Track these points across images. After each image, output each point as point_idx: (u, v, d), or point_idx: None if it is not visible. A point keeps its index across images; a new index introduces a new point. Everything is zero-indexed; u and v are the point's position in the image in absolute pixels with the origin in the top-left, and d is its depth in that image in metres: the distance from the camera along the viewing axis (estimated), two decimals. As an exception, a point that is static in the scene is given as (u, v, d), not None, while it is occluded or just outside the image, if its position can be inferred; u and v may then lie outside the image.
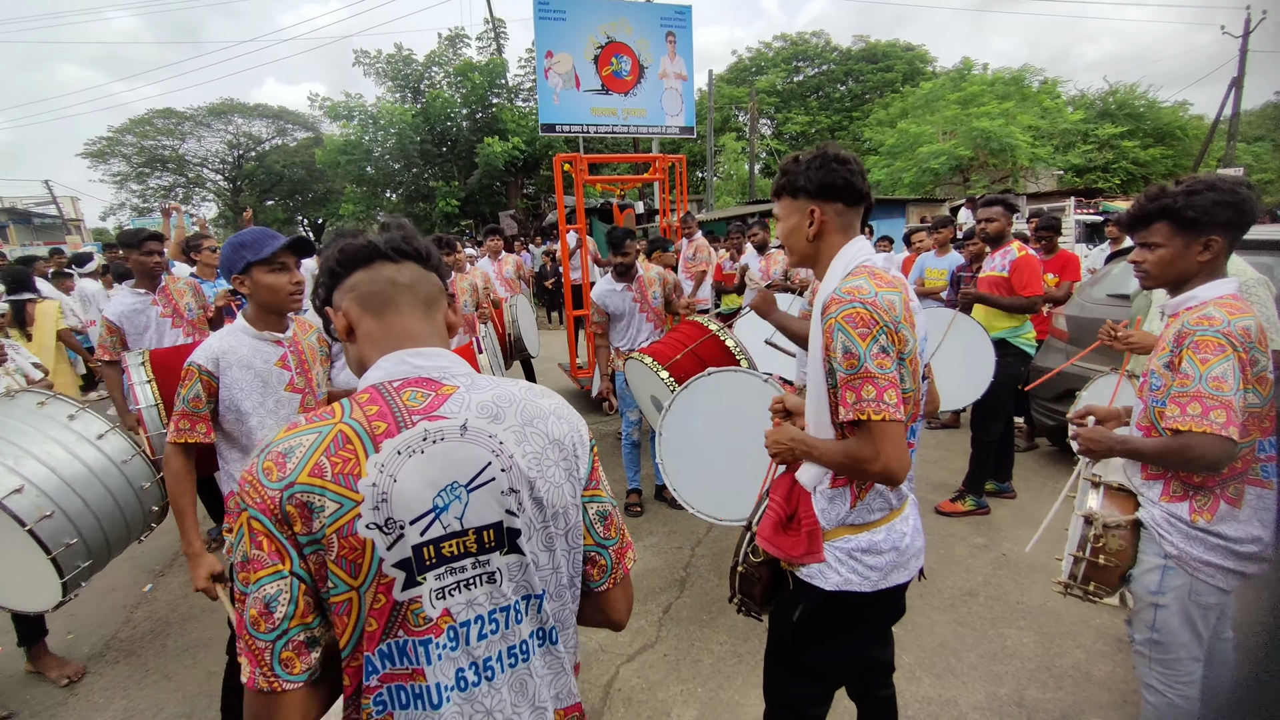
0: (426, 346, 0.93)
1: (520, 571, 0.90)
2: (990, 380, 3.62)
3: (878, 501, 1.49)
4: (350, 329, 0.96)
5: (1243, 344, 1.52)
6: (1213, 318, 1.55)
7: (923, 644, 2.73)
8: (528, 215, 21.11)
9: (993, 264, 3.78)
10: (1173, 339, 1.62)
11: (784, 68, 31.66)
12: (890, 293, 1.39)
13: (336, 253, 0.97)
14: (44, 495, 2.16)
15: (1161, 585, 1.66)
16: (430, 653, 0.84)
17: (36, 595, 2.23)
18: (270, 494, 0.79)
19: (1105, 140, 22.37)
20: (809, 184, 1.50)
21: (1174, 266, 1.66)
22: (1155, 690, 1.74)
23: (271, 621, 0.79)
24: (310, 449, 0.81)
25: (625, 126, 7.47)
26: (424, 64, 22.26)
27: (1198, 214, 1.58)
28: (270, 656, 0.79)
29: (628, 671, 2.64)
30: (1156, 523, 1.67)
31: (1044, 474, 4.54)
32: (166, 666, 2.83)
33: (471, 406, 0.88)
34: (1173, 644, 1.69)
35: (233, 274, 1.87)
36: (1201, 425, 1.49)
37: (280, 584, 0.79)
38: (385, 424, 0.84)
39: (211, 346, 1.88)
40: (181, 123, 30.24)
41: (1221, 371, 1.50)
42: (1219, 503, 1.61)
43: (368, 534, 0.80)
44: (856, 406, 1.34)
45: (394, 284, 0.94)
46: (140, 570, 3.70)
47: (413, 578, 0.82)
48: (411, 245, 0.98)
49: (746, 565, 1.74)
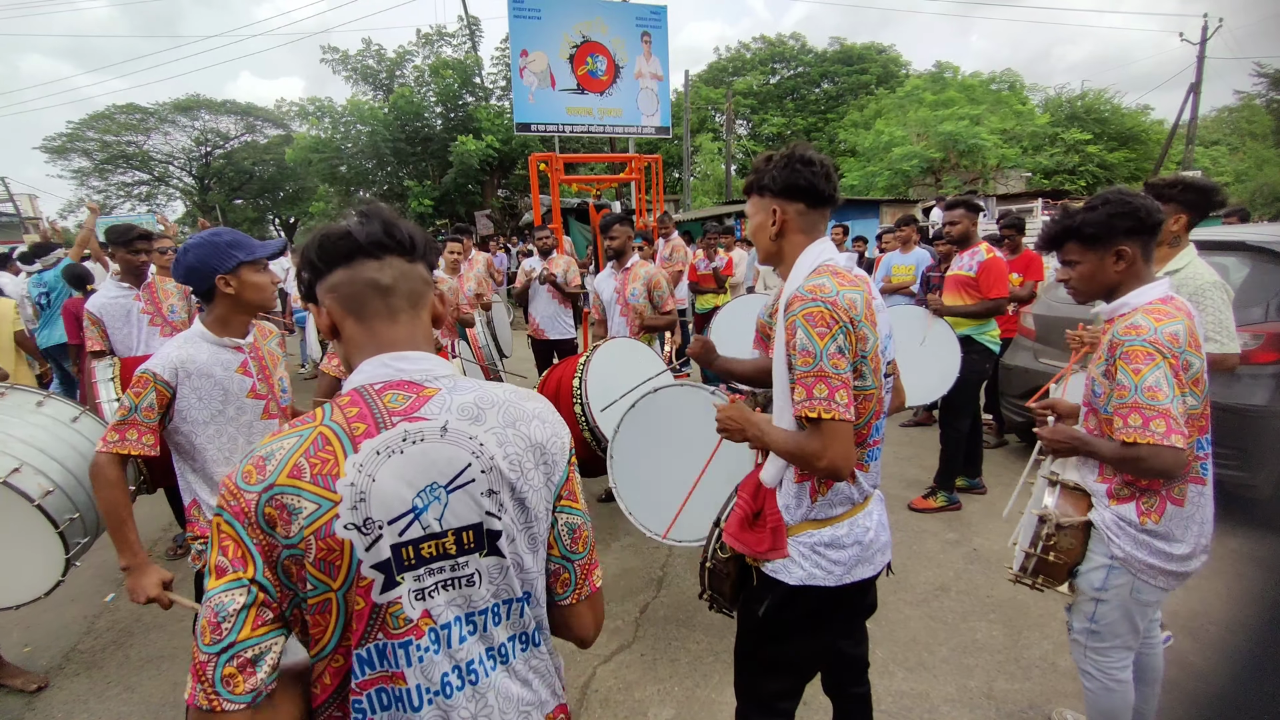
0: (410, 350, 0.91)
1: (500, 574, 0.89)
2: (956, 376, 3.69)
3: (839, 496, 1.51)
4: (334, 327, 0.94)
5: (1170, 350, 1.55)
6: (1139, 326, 1.58)
7: (895, 638, 2.77)
8: (503, 215, 20.95)
9: (960, 263, 3.86)
10: (1106, 348, 1.67)
11: (761, 69, 31.89)
12: (852, 291, 1.42)
13: (316, 246, 0.92)
14: (41, 473, 2.18)
15: (1105, 583, 1.74)
16: (410, 655, 0.83)
17: (26, 583, 2.21)
18: (248, 498, 0.78)
19: (1071, 144, 22.98)
20: (773, 183, 1.53)
21: (1095, 280, 1.71)
22: (1091, 676, 1.85)
23: (218, 633, 0.76)
24: (290, 451, 0.81)
25: (601, 126, 7.48)
26: (395, 60, 21.95)
27: (1096, 229, 1.64)
28: (212, 671, 0.75)
29: (604, 672, 2.63)
30: (1106, 525, 1.72)
31: (1014, 469, 4.64)
32: (130, 678, 2.75)
33: (452, 408, 0.88)
34: (1109, 635, 1.78)
35: (219, 273, 1.80)
36: (1145, 437, 1.53)
37: (235, 593, 0.77)
38: (365, 425, 0.83)
39: (170, 356, 1.79)
40: (146, 118, 29.36)
41: (1155, 380, 1.54)
42: (1165, 504, 1.66)
43: (346, 534, 0.79)
44: (807, 403, 1.37)
45: (376, 286, 0.90)
46: (101, 579, 3.59)
47: (391, 579, 0.82)
48: (393, 237, 0.91)
49: (715, 561, 1.76)
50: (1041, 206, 14.29)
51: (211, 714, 0.75)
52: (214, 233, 1.84)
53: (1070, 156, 23.06)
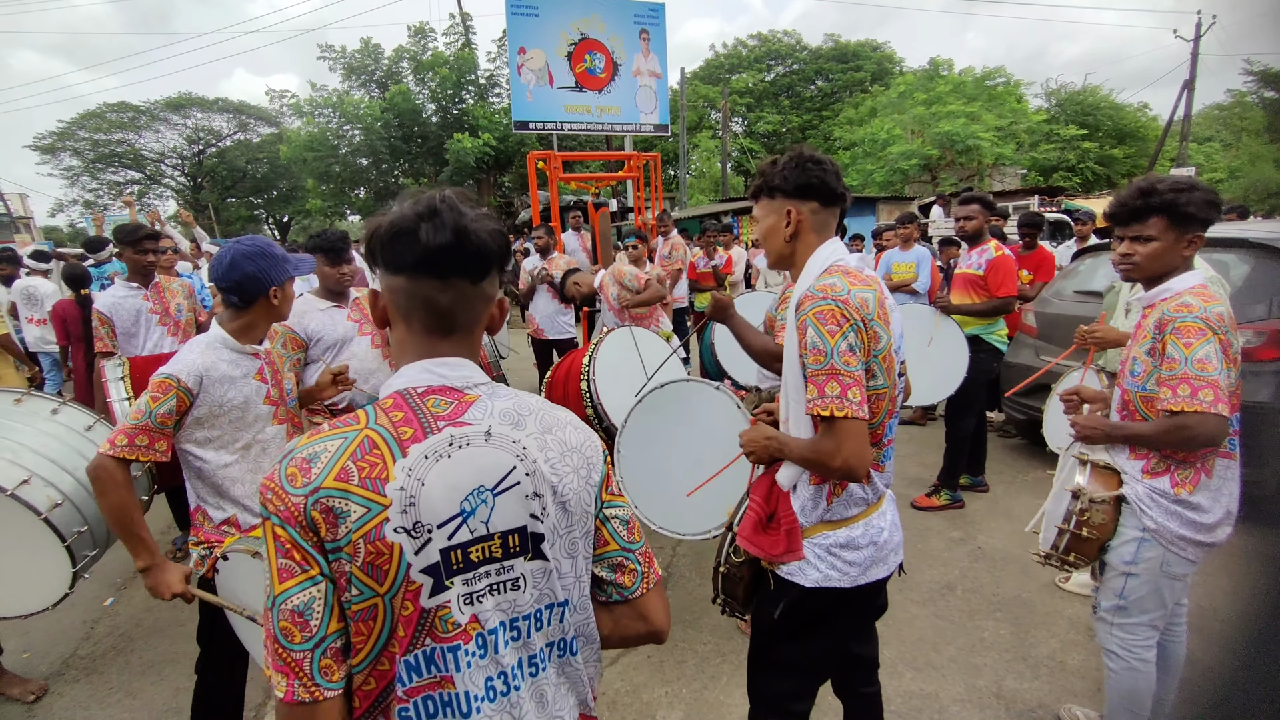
0: (453, 358, 0.90)
1: (544, 578, 0.90)
2: (964, 376, 3.68)
3: (855, 497, 1.51)
4: (386, 320, 0.92)
5: (1219, 327, 1.63)
6: (1190, 305, 1.66)
7: (903, 638, 2.76)
8: (500, 213, 20.90)
9: (969, 261, 3.84)
10: (1153, 327, 1.72)
11: (757, 67, 31.87)
12: (864, 290, 1.41)
13: (382, 244, 0.85)
14: (51, 485, 2.13)
15: (1137, 556, 1.79)
16: (460, 660, 0.83)
17: (33, 594, 2.17)
18: (295, 500, 0.78)
19: (1067, 140, 23.06)
20: (785, 184, 1.53)
21: (1162, 260, 1.75)
22: (1116, 656, 1.88)
23: (308, 630, 0.78)
24: (336, 454, 0.80)
25: (599, 124, 7.44)
26: (392, 59, 21.83)
27: (1195, 210, 1.68)
28: (310, 666, 0.78)
29: (611, 674, 2.61)
30: (1139, 497, 1.77)
31: (1016, 467, 4.65)
32: (131, 684, 2.72)
33: (494, 413, 0.88)
34: (1137, 610, 1.82)
35: (274, 285, 1.80)
36: (1192, 405, 1.59)
37: (313, 590, 0.78)
38: (411, 429, 0.83)
39: (194, 362, 1.73)
40: (137, 116, 29.12)
41: (1205, 353, 1.61)
42: (1200, 475, 1.73)
43: (396, 538, 0.79)
44: (819, 401, 1.37)
45: (433, 306, 0.86)
46: (101, 583, 3.55)
47: (440, 583, 0.82)
48: (464, 252, 0.83)
49: (728, 565, 1.75)
50: (1038, 203, 14.32)
51: (315, 705, 0.78)
52: (266, 243, 1.83)
53: (1067, 153, 23.16)
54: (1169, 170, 17.59)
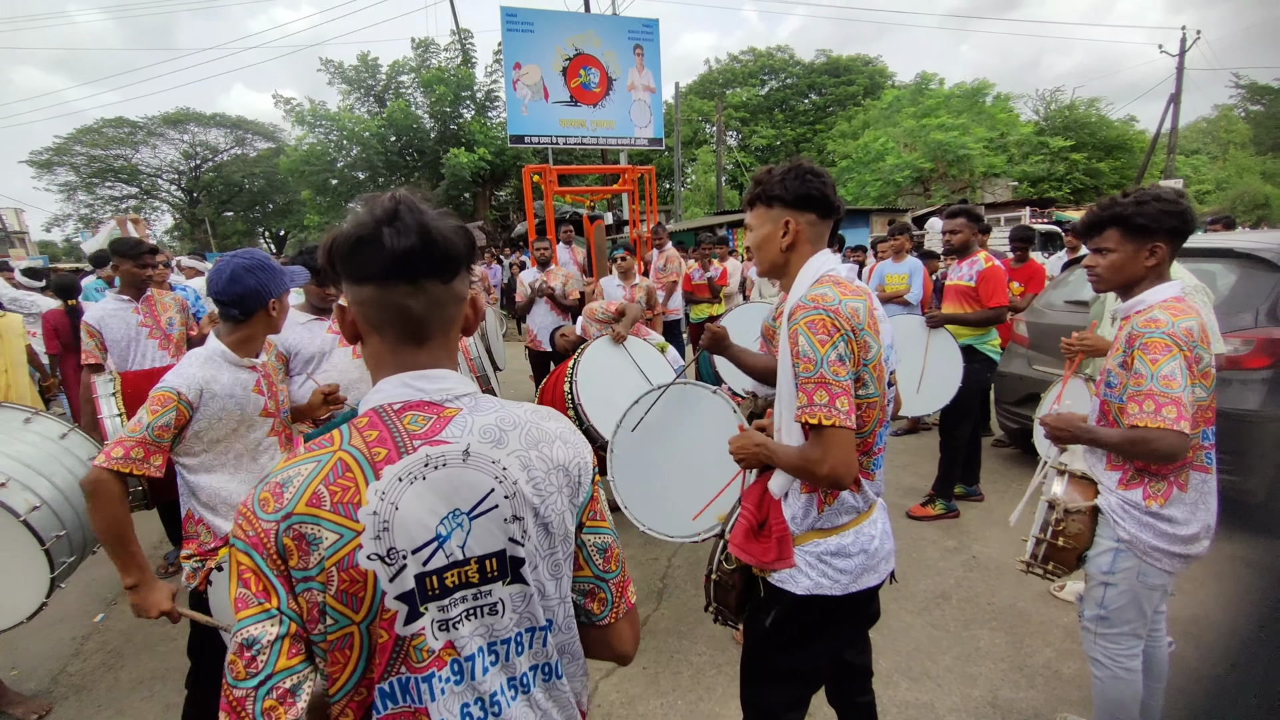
0: (433, 369, 0.86)
1: (524, 602, 0.86)
2: (958, 386, 3.70)
3: (845, 505, 1.52)
4: (356, 334, 0.88)
5: (1186, 343, 1.65)
6: (1158, 320, 1.68)
7: (898, 648, 2.75)
8: (496, 226, 20.97)
9: (959, 273, 3.87)
10: (1125, 340, 1.74)
11: (751, 81, 32.24)
12: (854, 300, 1.44)
13: (345, 255, 0.81)
14: (28, 489, 2.12)
15: (1113, 566, 1.80)
16: (434, 688, 0.80)
17: (9, 605, 2.14)
18: (265, 526, 0.75)
19: (1056, 152, 23.34)
20: (785, 194, 1.54)
21: (1123, 271, 1.78)
22: (1101, 664, 1.89)
23: (254, 666, 0.73)
24: (308, 478, 0.77)
25: (594, 138, 7.50)
26: (390, 73, 22.00)
27: (1146, 221, 1.71)
28: (252, 706, 0.73)
29: (607, 686, 2.60)
30: (1112, 509, 1.79)
31: (1010, 476, 4.66)
32: (120, 701, 2.69)
33: (474, 430, 0.84)
34: (1119, 620, 1.83)
35: (274, 298, 1.82)
36: (1155, 421, 1.60)
37: (265, 625, 0.74)
38: (385, 450, 0.80)
39: (194, 376, 1.72)
40: (134, 132, 29.24)
41: (1170, 370, 1.62)
42: (1171, 488, 1.74)
43: (369, 565, 0.76)
44: (808, 409, 1.38)
45: (405, 314, 0.82)
46: (90, 599, 3.52)
47: (415, 610, 0.79)
48: (431, 256, 0.81)
49: (720, 573, 1.75)
50: (1029, 215, 14.44)
51: None
52: (263, 256, 1.85)
53: (1057, 165, 23.43)
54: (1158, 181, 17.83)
